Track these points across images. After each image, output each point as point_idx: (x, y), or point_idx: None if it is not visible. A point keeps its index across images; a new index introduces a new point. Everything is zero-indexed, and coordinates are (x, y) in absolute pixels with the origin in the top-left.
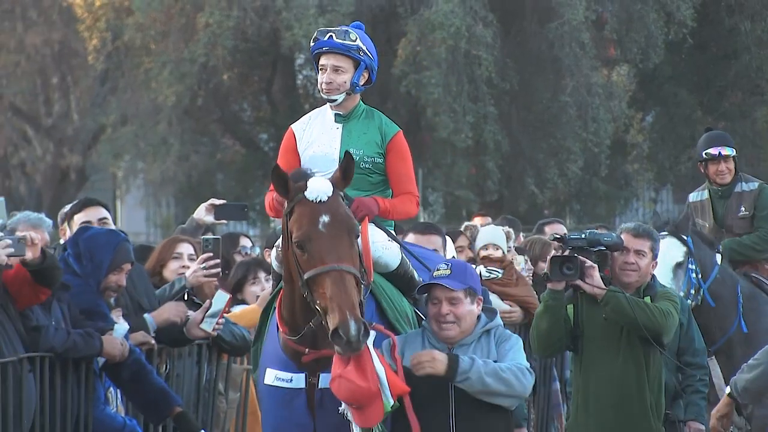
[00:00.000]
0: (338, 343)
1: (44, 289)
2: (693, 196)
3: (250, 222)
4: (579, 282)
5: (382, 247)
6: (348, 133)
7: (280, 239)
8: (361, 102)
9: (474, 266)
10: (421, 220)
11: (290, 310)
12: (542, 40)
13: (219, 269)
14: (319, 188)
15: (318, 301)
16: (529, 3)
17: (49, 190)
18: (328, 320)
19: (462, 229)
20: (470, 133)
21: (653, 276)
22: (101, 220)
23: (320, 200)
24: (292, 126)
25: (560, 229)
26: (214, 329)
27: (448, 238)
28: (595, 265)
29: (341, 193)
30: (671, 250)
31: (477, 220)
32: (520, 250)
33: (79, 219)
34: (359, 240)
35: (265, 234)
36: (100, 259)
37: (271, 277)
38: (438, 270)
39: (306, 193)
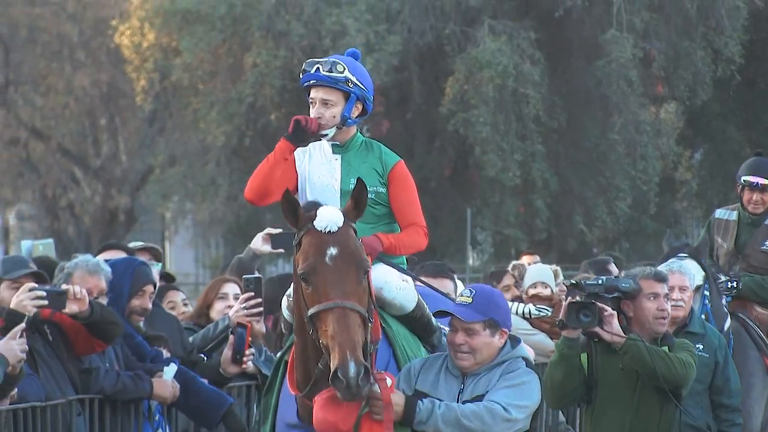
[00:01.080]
0: (338, 387)
1: (100, 342)
2: (720, 213)
3: None
4: (597, 330)
5: (396, 287)
6: (347, 163)
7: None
8: (359, 134)
9: (523, 305)
10: (470, 261)
11: (304, 364)
12: (590, 77)
13: (261, 308)
14: (329, 218)
15: (322, 340)
16: (576, 41)
17: (98, 232)
18: (330, 361)
19: (509, 268)
20: (518, 172)
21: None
22: None
23: (329, 231)
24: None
25: (612, 269)
26: (244, 362)
27: (459, 282)
28: (614, 313)
29: (352, 225)
30: (693, 273)
31: (525, 259)
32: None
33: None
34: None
35: None
36: (120, 286)
37: (282, 327)
38: (461, 296)
39: (315, 222)
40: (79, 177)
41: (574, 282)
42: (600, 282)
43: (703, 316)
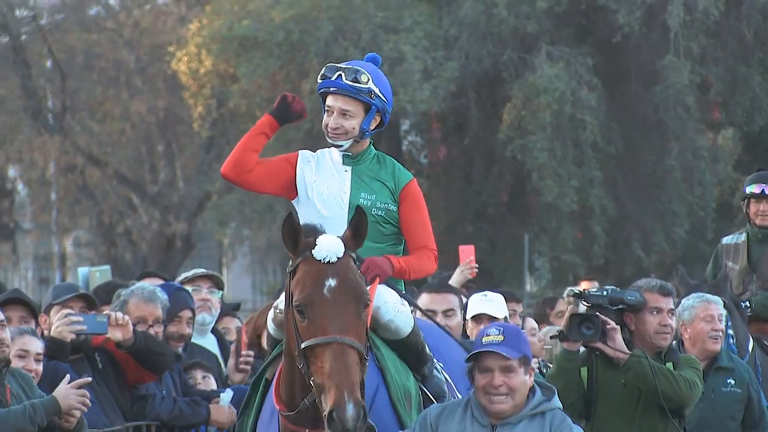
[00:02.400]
0: (333, 428)
1: (148, 373)
2: (727, 239)
3: None
4: (600, 345)
5: (394, 309)
6: (358, 176)
7: (281, 299)
8: (371, 146)
9: None
10: (527, 287)
11: (289, 386)
12: (647, 103)
13: None
14: (329, 248)
15: (314, 377)
16: (633, 67)
17: (155, 258)
18: (323, 400)
19: (564, 294)
20: (576, 197)
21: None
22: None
23: (329, 261)
24: (300, 152)
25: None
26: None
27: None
28: (618, 327)
29: (353, 255)
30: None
31: (583, 285)
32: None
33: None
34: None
35: None
36: None
37: (266, 342)
38: (488, 335)
39: (314, 251)
40: (136, 203)
41: (578, 292)
42: (604, 293)
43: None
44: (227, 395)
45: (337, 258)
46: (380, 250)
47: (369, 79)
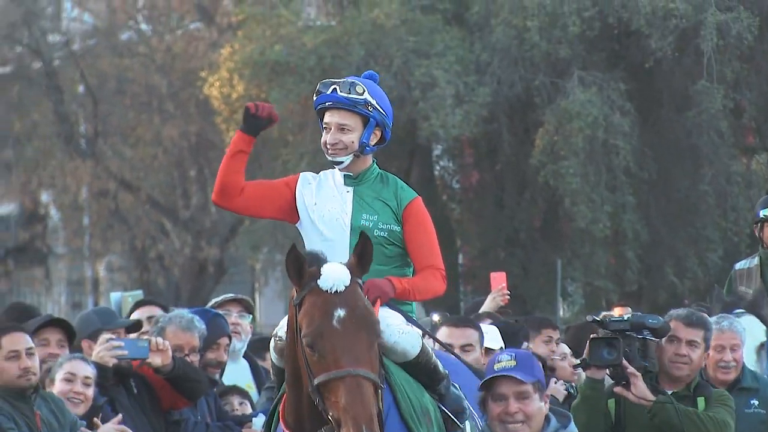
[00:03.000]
0: None
1: (183, 399)
2: (740, 264)
3: None
4: (623, 390)
5: (398, 331)
6: (359, 197)
7: (281, 325)
8: (375, 165)
9: None
10: (560, 313)
11: (297, 415)
12: (680, 128)
13: None
14: (335, 277)
15: (330, 412)
16: (666, 92)
17: (188, 283)
18: None
19: (599, 318)
20: (609, 223)
21: (742, 370)
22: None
23: (336, 291)
24: (301, 174)
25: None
26: None
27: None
28: (639, 374)
29: (359, 282)
30: (753, 329)
31: (616, 310)
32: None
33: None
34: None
35: None
36: None
37: (270, 372)
38: (500, 361)
39: (320, 281)
40: (168, 228)
41: (597, 319)
42: (626, 318)
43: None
44: (260, 420)
45: (345, 287)
46: (384, 272)
47: (365, 91)
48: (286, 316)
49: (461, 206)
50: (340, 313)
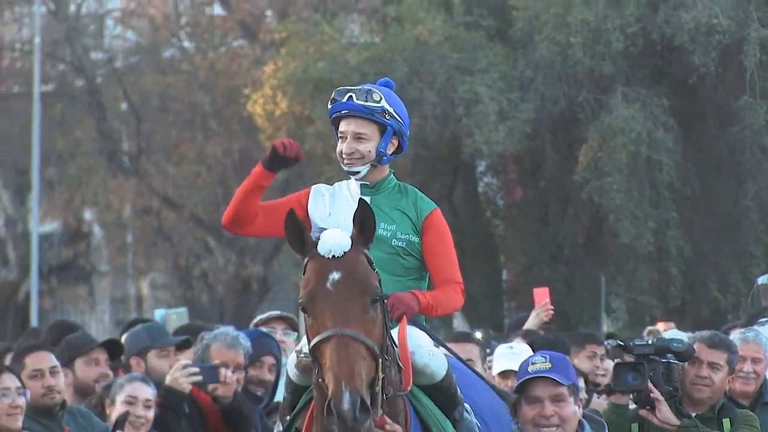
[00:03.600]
0: (330, 421)
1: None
2: (763, 279)
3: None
4: (648, 414)
5: (428, 353)
6: (377, 206)
7: (304, 341)
8: (392, 175)
9: None
10: (604, 328)
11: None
12: (723, 144)
13: None
14: (333, 241)
15: (323, 379)
16: (709, 108)
17: (232, 300)
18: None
19: (645, 334)
20: (652, 239)
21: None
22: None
23: (333, 255)
24: (314, 187)
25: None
26: None
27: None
28: (662, 398)
29: (365, 252)
30: None
31: (661, 326)
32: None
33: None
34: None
35: None
36: None
37: (284, 388)
38: (534, 363)
39: (318, 246)
40: (212, 246)
41: (621, 344)
42: (650, 342)
43: None
44: None
45: (343, 252)
46: (401, 283)
47: (382, 98)
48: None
49: (505, 222)
50: (335, 276)
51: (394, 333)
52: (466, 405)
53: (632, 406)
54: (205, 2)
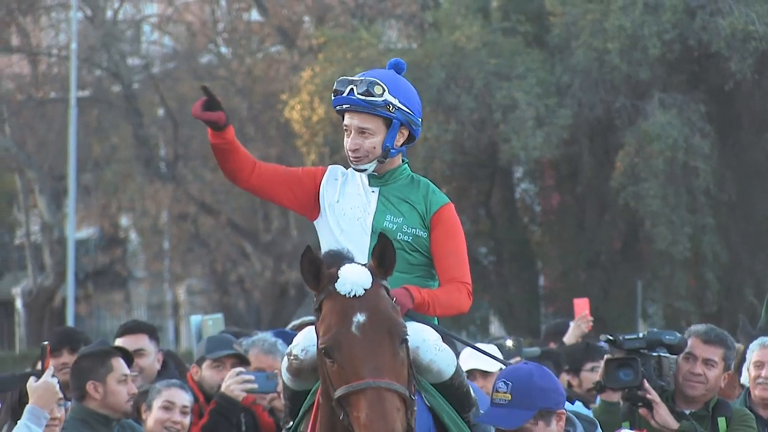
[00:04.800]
0: None
1: None
2: None
3: (470, 335)
4: (646, 413)
5: (434, 348)
6: (385, 198)
7: (296, 342)
8: (406, 165)
9: None
10: (641, 334)
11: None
12: (759, 150)
13: None
14: (354, 279)
15: (354, 427)
16: (746, 114)
17: (268, 307)
18: None
19: (612, 337)
20: (689, 245)
21: (741, 390)
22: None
23: (355, 294)
24: (330, 167)
25: None
26: None
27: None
28: (659, 400)
29: (384, 284)
30: None
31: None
32: None
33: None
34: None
35: None
36: None
37: (281, 395)
38: (497, 391)
39: (337, 284)
40: (249, 252)
41: (611, 338)
42: (641, 336)
43: None
44: None
45: (365, 290)
46: (406, 281)
47: (384, 91)
48: (301, 332)
49: (542, 228)
50: (360, 318)
51: None
52: (482, 411)
53: (623, 403)
54: (243, 8)
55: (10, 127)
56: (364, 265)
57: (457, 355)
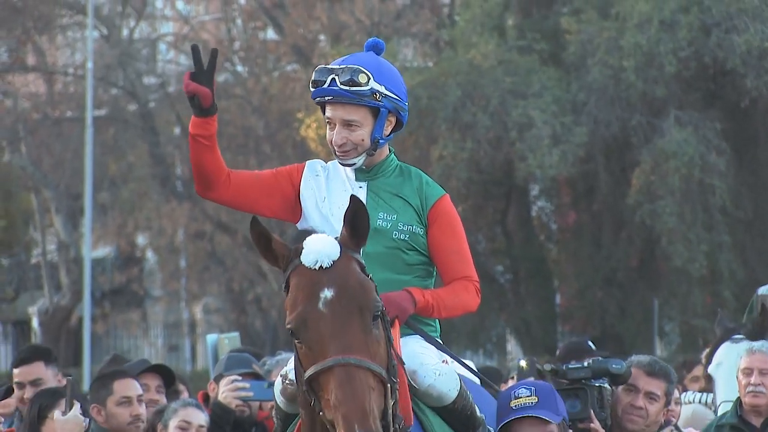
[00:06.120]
0: None
1: None
2: (763, 289)
3: (486, 353)
4: None
5: (434, 371)
6: (375, 193)
7: (290, 365)
8: (393, 155)
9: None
10: (657, 352)
11: None
12: None
13: None
14: (319, 249)
15: (324, 412)
16: (762, 131)
17: (285, 326)
18: None
19: (702, 357)
20: (705, 262)
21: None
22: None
23: (322, 266)
24: (308, 162)
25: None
26: None
27: None
28: None
29: (356, 257)
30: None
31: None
32: None
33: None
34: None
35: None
36: None
37: (274, 415)
38: (518, 397)
39: (302, 256)
40: (265, 270)
41: (553, 368)
42: (587, 365)
43: None
44: None
45: (332, 261)
46: (404, 283)
47: (369, 78)
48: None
49: (558, 246)
50: (327, 293)
51: None
52: (489, 428)
53: None
54: (259, 27)
55: (26, 146)
56: (335, 237)
57: None
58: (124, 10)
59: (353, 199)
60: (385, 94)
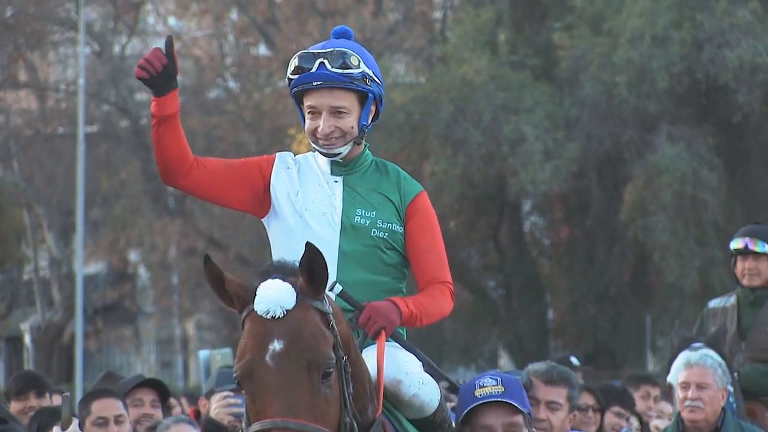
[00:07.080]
0: None
1: None
2: (714, 303)
3: (479, 368)
4: None
5: (418, 381)
6: (351, 188)
7: None
8: (367, 150)
9: None
10: (650, 367)
11: None
12: None
13: None
14: (272, 297)
15: None
16: (754, 146)
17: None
18: None
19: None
20: (697, 277)
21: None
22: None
23: (274, 316)
24: (279, 154)
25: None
26: None
27: None
28: None
29: (316, 306)
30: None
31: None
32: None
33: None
34: (342, 376)
35: None
36: None
37: None
38: (483, 386)
39: (255, 304)
40: None
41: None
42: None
43: None
44: None
45: (285, 311)
46: (381, 284)
47: (360, 61)
48: None
49: (551, 262)
50: (276, 346)
51: (371, 352)
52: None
53: None
54: (251, 42)
55: (18, 162)
56: (294, 281)
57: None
58: (116, 27)
59: (308, 246)
60: (374, 79)
